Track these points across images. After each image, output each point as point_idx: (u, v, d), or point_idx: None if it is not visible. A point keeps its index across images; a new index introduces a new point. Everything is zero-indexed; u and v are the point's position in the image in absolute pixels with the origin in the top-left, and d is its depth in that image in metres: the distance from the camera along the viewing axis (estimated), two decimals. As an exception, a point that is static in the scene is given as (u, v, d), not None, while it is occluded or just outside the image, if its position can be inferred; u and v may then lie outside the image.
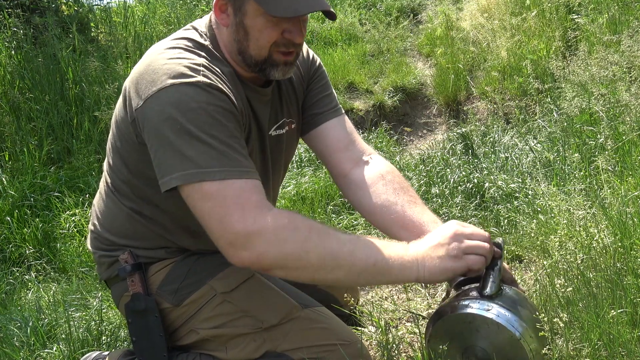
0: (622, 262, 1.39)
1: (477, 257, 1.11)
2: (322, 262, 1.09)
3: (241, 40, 1.22)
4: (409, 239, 1.18)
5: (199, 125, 1.11)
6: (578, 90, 2.56)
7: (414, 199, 1.35)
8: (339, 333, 1.32)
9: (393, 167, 1.43)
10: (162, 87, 1.12)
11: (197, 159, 1.09)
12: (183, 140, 1.10)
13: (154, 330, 1.31)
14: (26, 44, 3.79)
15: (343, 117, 1.48)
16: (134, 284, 1.32)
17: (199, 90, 1.12)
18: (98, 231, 1.40)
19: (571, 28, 3.42)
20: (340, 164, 1.42)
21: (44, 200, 2.94)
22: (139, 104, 1.16)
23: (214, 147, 1.10)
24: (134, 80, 1.20)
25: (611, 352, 1.15)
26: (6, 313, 2.05)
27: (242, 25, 1.20)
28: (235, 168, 1.11)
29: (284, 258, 1.09)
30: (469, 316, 1.13)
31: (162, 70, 1.15)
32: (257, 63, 1.23)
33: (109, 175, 1.37)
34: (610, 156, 2.02)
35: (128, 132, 1.24)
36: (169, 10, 5.18)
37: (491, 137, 3.09)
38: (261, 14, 1.17)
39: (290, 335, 1.28)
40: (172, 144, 1.11)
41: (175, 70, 1.14)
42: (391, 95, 4.32)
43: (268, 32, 1.19)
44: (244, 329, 1.29)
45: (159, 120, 1.12)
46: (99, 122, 3.49)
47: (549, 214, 1.84)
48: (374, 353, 1.58)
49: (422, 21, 5.43)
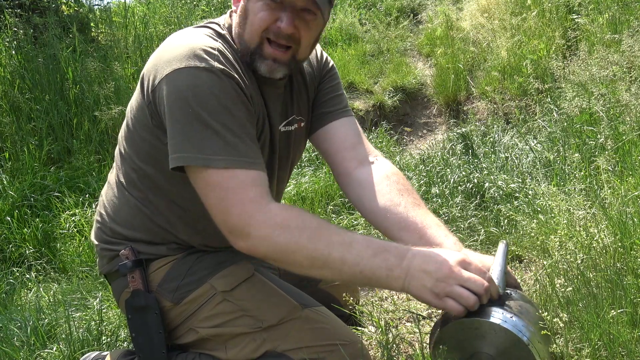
0: (622, 262, 1.39)
1: (456, 304, 1.06)
2: (310, 262, 1.11)
3: (240, 24, 1.24)
4: (409, 241, 1.19)
5: (209, 111, 1.13)
6: (578, 90, 2.55)
7: (418, 202, 1.34)
8: (339, 333, 1.32)
9: (398, 170, 1.42)
10: (177, 67, 1.15)
11: (204, 145, 1.12)
12: (193, 124, 1.13)
13: (154, 328, 1.31)
14: (26, 43, 3.79)
15: (352, 119, 1.48)
16: (134, 280, 1.32)
17: (212, 76, 1.14)
18: (104, 221, 1.40)
19: (571, 28, 3.42)
20: (344, 162, 1.41)
21: (44, 200, 2.94)
22: (156, 83, 1.18)
23: (222, 135, 1.13)
24: (152, 62, 1.23)
25: (611, 352, 1.15)
26: (6, 313, 2.05)
27: (245, 8, 1.23)
28: (241, 158, 1.14)
29: (275, 252, 1.13)
30: (475, 322, 1.11)
31: (179, 51, 1.17)
32: (248, 51, 1.24)
33: (119, 164, 1.37)
34: (610, 156, 2.01)
35: (144, 115, 1.25)
36: (169, 10, 5.18)
37: (491, 137, 3.09)
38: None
39: (290, 335, 1.28)
40: (183, 125, 1.13)
41: (191, 53, 1.16)
42: (391, 95, 4.32)
43: (262, 16, 1.20)
44: (243, 328, 1.29)
45: (174, 100, 1.14)
46: (99, 122, 3.49)
47: (549, 214, 1.84)
48: (374, 353, 1.58)
49: (422, 21, 5.43)
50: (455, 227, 2.18)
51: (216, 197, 1.14)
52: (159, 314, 1.31)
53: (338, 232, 1.14)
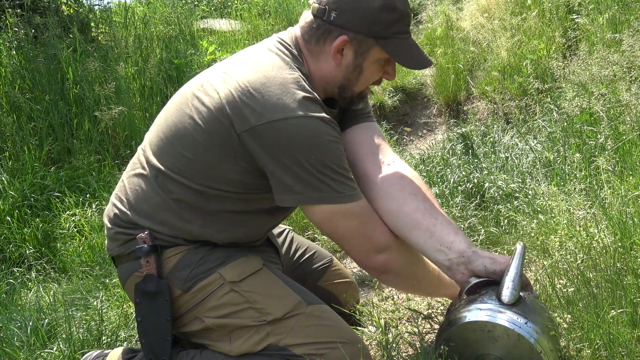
0: (622, 262, 1.39)
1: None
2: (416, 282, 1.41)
3: (351, 79, 1.35)
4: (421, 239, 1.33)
5: (329, 156, 1.25)
6: (578, 90, 2.55)
7: (430, 202, 1.37)
8: (341, 332, 1.33)
9: (416, 173, 1.45)
10: (292, 115, 1.21)
11: (333, 185, 1.26)
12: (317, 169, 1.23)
13: (162, 314, 1.31)
14: (27, 43, 3.79)
15: (375, 124, 1.52)
16: (148, 265, 1.32)
17: (324, 124, 1.25)
18: (122, 209, 1.39)
19: (571, 28, 3.42)
20: (362, 164, 1.43)
21: (44, 200, 2.94)
22: (260, 122, 1.21)
23: (343, 174, 1.28)
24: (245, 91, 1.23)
25: (611, 352, 1.15)
26: (6, 313, 2.05)
27: (359, 67, 1.33)
28: (357, 190, 1.31)
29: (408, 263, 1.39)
30: (488, 325, 1.10)
31: (286, 95, 1.22)
32: (352, 97, 1.39)
33: (160, 157, 1.35)
34: (611, 156, 2.01)
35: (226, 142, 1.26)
36: (170, 10, 5.18)
37: (491, 137, 3.09)
38: (376, 60, 1.33)
39: (294, 330, 1.29)
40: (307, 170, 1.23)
41: (299, 99, 1.23)
42: (391, 95, 4.32)
43: (377, 74, 1.38)
44: (248, 320, 1.30)
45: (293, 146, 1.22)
46: (100, 122, 3.49)
47: (549, 214, 1.84)
48: (374, 353, 1.58)
49: (422, 21, 5.43)
50: (456, 227, 2.18)
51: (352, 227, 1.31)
52: (168, 300, 1.31)
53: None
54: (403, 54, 1.32)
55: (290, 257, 1.66)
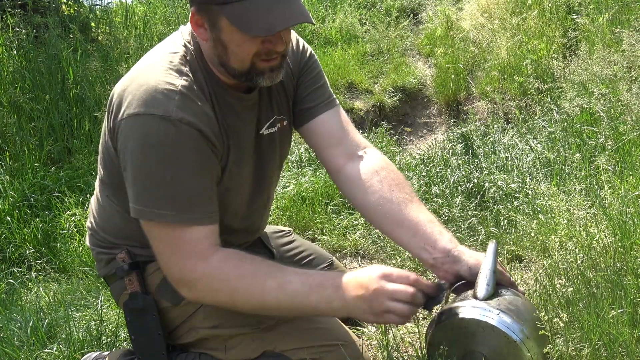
0: (622, 262, 1.39)
1: (396, 317, 1.14)
2: (251, 308, 1.21)
3: (221, 55, 1.19)
4: (405, 237, 1.25)
5: (161, 162, 1.14)
6: (578, 89, 2.55)
7: (410, 197, 1.32)
8: (337, 333, 1.32)
9: (388, 162, 1.40)
10: (134, 112, 1.14)
11: (154, 198, 1.15)
12: (144, 175, 1.15)
13: (153, 329, 1.31)
14: (27, 43, 3.79)
15: (336, 109, 1.44)
16: (131, 283, 1.32)
17: (168, 124, 1.12)
18: (94, 229, 1.40)
19: (571, 28, 3.42)
20: (333, 159, 1.40)
21: (44, 200, 2.94)
22: (118, 118, 1.18)
23: (172, 187, 1.15)
24: (120, 90, 1.21)
25: (611, 352, 1.15)
26: (6, 313, 2.05)
27: (219, 40, 1.17)
28: (189, 214, 1.16)
29: (217, 302, 1.23)
30: (463, 321, 1.11)
31: (141, 92, 1.15)
32: (241, 74, 1.21)
33: (102, 174, 1.36)
34: (611, 156, 2.01)
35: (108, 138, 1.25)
36: (170, 10, 5.18)
37: (491, 137, 3.09)
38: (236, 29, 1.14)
39: (289, 336, 1.28)
40: (135, 173, 1.16)
41: (150, 96, 1.14)
42: (391, 95, 4.31)
43: (247, 46, 1.16)
44: (242, 329, 1.29)
45: (128, 146, 1.16)
46: (100, 122, 3.49)
47: (549, 214, 1.84)
48: (374, 353, 1.58)
49: (422, 21, 5.43)
50: (455, 227, 2.18)
51: (162, 249, 1.20)
52: (157, 315, 1.31)
53: (274, 275, 1.18)
54: (244, 16, 1.11)
55: (290, 260, 1.66)
